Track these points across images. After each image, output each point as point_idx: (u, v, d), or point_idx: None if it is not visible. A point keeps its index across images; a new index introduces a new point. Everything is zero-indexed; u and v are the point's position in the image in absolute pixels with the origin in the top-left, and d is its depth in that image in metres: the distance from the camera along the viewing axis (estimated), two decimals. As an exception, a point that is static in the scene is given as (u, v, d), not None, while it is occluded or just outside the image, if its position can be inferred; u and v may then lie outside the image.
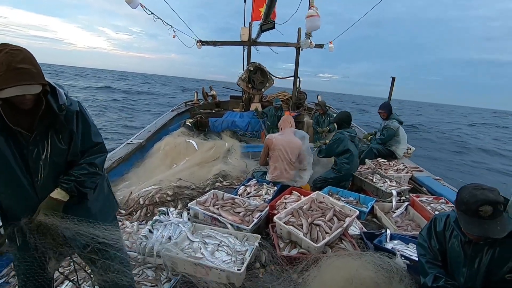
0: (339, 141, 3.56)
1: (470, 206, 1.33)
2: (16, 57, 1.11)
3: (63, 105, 1.26)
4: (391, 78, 5.47)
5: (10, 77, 1.09)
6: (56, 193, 1.28)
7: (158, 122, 6.52)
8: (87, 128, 1.38)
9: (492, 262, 1.40)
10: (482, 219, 1.31)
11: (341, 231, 2.23)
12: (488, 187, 1.37)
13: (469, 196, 1.35)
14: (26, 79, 1.12)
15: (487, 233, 1.31)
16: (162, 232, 2.36)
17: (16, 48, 1.13)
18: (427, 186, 3.43)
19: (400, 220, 2.81)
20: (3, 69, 1.08)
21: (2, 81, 1.08)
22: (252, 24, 8.08)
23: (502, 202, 1.31)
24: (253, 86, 7.75)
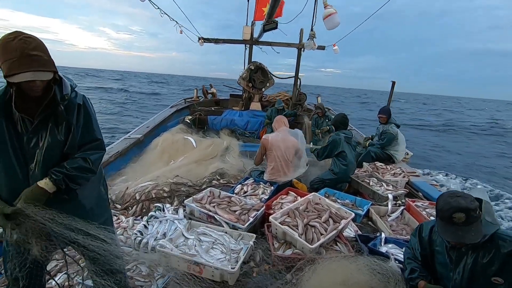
0: (334, 142, 3.58)
1: (444, 213, 1.39)
2: (29, 45, 1.14)
3: (66, 95, 1.28)
4: (391, 82, 5.47)
5: (23, 63, 1.12)
6: (44, 182, 1.26)
7: (157, 118, 6.51)
8: (88, 122, 1.37)
9: (476, 266, 1.43)
10: (456, 225, 1.36)
11: (336, 233, 2.24)
12: (463, 194, 1.42)
13: (443, 203, 1.41)
14: (38, 65, 1.14)
15: (461, 239, 1.36)
16: (157, 228, 2.36)
17: (29, 36, 1.16)
18: (423, 191, 3.44)
19: (395, 224, 2.82)
20: (17, 55, 1.11)
21: (16, 67, 1.11)
22: (254, 23, 8.07)
23: (474, 209, 1.35)
24: (254, 85, 7.74)
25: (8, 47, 1.12)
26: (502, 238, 1.39)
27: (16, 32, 1.16)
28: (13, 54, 1.11)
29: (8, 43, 1.12)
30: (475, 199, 1.40)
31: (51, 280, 1.89)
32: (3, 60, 1.12)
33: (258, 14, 7.87)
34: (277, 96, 8.73)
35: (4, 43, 1.13)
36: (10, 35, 1.14)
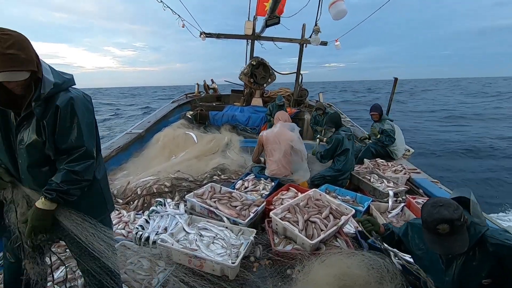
0: (337, 142, 3.61)
1: (429, 225, 1.37)
2: (4, 43, 1.08)
3: (41, 95, 1.20)
4: (394, 78, 5.43)
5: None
6: (41, 203, 1.24)
7: (158, 113, 6.50)
8: (70, 127, 1.26)
9: (466, 270, 1.42)
10: (442, 236, 1.34)
11: (336, 229, 2.25)
12: (446, 202, 1.38)
13: (427, 215, 1.39)
14: (12, 65, 1.10)
15: (448, 250, 1.36)
16: (159, 222, 2.37)
17: (6, 33, 1.11)
18: (424, 188, 3.44)
19: (396, 220, 2.82)
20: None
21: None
22: (256, 18, 8.00)
23: (458, 218, 1.32)
24: (255, 81, 7.71)
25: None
26: (490, 240, 1.36)
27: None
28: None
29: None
30: (458, 206, 1.36)
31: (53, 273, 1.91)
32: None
33: (260, 9, 7.81)
34: (278, 92, 8.70)
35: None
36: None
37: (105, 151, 3.88)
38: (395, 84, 5.33)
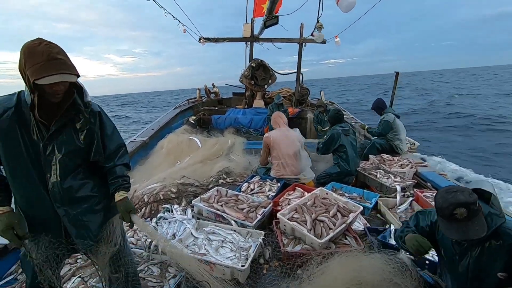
0: (332, 137, 3.58)
1: (445, 211, 1.34)
2: (54, 49, 1.17)
3: (88, 103, 1.33)
4: (395, 73, 5.40)
5: (51, 66, 1.14)
6: (120, 195, 1.40)
7: (161, 120, 6.54)
8: (112, 129, 1.45)
9: (481, 261, 1.40)
10: (458, 222, 1.32)
11: (344, 227, 2.24)
12: (460, 188, 1.37)
13: (442, 201, 1.36)
14: (65, 68, 1.17)
15: (465, 235, 1.32)
16: (167, 229, 2.38)
17: (52, 42, 1.20)
18: (432, 181, 3.41)
19: (405, 215, 2.79)
20: (44, 58, 1.14)
21: (44, 69, 1.13)
22: (254, 20, 8.02)
23: (474, 202, 1.31)
24: (256, 82, 7.72)
25: (35, 51, 1.15)
26: (507, 232, 1.34)
27: (39, 38, 1.19)
28: (40, 58, 1.14)
29: (35, 48, 1.15)
30: (472, 192, 1.36)
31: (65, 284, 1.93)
32: (31, 64, 1.14)
33: (257, 10, 7.83)
34: (280, 92, 8.70)
35: (30, 48, 1.15)
36: (35, 41, 1.17)
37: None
38: (397, 78, 5.30)
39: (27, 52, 1.15)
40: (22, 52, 1.16)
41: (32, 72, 1.13)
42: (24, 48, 1.16)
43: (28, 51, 1.15)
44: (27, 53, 1.15)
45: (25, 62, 1.15)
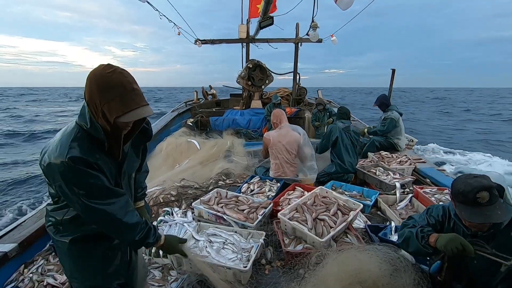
0: (329, 131, 3.59)
1: (467, 195, 1.33)
2: (129, 77, 1.06)
3: (148, 122, 1.38)
4: (391, 70, 5.43)
5: (132, 99, 1.04)
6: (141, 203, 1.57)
7: (159, 123, 6.53)
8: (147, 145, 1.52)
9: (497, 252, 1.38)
10: (481, 206, 1.31)
11: (345, 225, 2.24)
12: (479, 174, 1.39)
13: (464, 185, 1.36)
14: (143, 99, 1.08)
15: (489, 219, 1.30)
16: (168, 232, 2.37)
17: (123, 68, 1.07)
18: (431, 177, 3.42)
19: (405, 212, 2.80)
20: (122, 91, 1.03)
21: (126, 104, 1.03)
22: (250, 21, 8.04)
23: (495, 187, 1.32)
24: (253, 83, 7.73)
25: (110, 83, 1.01)
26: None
27: (108, 65, 1.06)
28: (118, 91, 1.02)
29: (109, 79, 1.02)
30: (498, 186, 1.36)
31: None
32: (108, 99, 1.01)
33: (252, 11, 7.84)
34: (277, 92, 8.71)
35: (104, 79, 1.02)
36: (106, 70, 1.04)
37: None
38: (393, 75, 5.33)
39: (100, 84, 1.01)
40: (94, 84, 1.02)
41: (111, 109, 1.02)
42: (94, 78, 1.03)
43: (102, 83, 1.01)
44: (101, 85, 1.01)
45: (100, 97, 1.01)
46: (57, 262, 2.21)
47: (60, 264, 2.16)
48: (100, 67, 1.05)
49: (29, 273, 2.10)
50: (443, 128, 16.91)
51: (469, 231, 1.46)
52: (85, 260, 1.26)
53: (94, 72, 1.04)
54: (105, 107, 1.02)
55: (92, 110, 1.05)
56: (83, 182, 1.05)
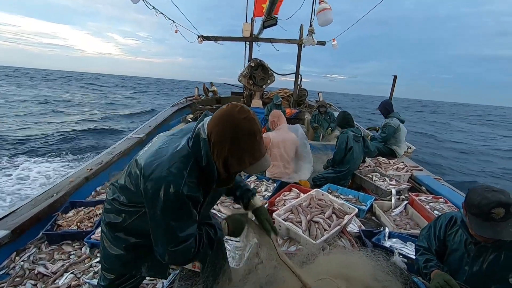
0: (343, 139, 3.50)
1: (483, 208, 1.30)
2: (258, 124, 1.04)
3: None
4: (393, 76, 5.45)
5: (259, 149, 1.04)
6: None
7: (159, 117, 6.52)
8: None
9: (496, 264, 1.39)
10: (494, 221, 1.28)
11: (339, 229, 2.24)
12: (498, 188, 1.34)
13: (481, 198, 1.32)
14: (264, 147, 1.07)
15: (500, 235, 1.28)
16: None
17: (252, 111, 1.04)
18: (427, 185, 3.43)
19: (399, 218, 2.81)
20: (253, 141, 1.01)
21: (255, 156, 1.03)
22: (254, 20, 8.03)
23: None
24: (254, 82, 7.72)
25: (244, 131, 0.99)
26: None
27: (241, 108, 1.01)
28: (250, 141, 1.00)
29: (243, 126, 0.99)
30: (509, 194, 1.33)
31: (57, 280, 1.92)
32: (239, 151, 1.00)
33: (257, 10, 7.84)
34: (278, 92, 8.71)
35: (239, 127, 0.98)
36: (241, 115, 0.99)
37: (107, 157, 3.89)
38: (394, 81, 5.36)
39: (233, 131, 0.98)
40: (227, 128, 0.99)
41: (240, 161, 1.01)
42: (228, 122, 0.99)
43: (235, 130, 0.98)
44: (233, 133, 0.98)
45: (230, 146, 0.99)
46: (49, 251, 2.21)
47: (51, 254, 2.16)
48: (235, 109, 1.01)
49: (20, 261, 2.09)
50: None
51: (472, 239, 1.45)
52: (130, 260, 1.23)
53: (227, 113, 1.01)
54: (233, 157, 1.01)
55: (215, 151, 1.02)
56: (180, 215, 1.02)
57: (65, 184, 3.01)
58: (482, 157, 12.65)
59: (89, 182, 3.30)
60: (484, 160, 12.10)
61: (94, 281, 1.83)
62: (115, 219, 1.18)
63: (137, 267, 1.24)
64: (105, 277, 1.29)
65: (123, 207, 1.15)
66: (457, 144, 15.58)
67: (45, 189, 2.90)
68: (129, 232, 1.18)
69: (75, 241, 2.35)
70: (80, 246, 2.28)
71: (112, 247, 1.21)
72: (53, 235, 2.34)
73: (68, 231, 2.39)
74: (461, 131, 22.12)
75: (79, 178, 3.17)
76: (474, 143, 16.47)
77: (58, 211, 2.62)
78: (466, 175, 9.51)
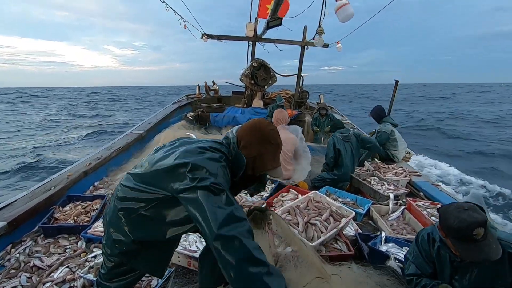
0: (330, 143, 3.59)
1: (464, 232, 1.27)
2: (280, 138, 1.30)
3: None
4: (395, 81, 5.44)
5: (279, 157, 1.29)
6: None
7: (159, 114, 6.52)
8: None
9: (484, 276, 1.39)
10: (477, 242, 1.27)
11: (336, 232, 2.24)
12: (468, 205, 1.33)
13: (458, 221, 1.29)
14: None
15: (487, 255, 1.26)
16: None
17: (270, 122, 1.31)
18: (425, 191, 3.43)
19: (396, 223, 2.81)
20: (277, 148, 1.28)
21: (278, 159, 1.28)
22: (258, 20, 8.02)
23: (487, 219, 1.28)
24: (256, 82, 7.73)
25: (271, 138, 1.25)
26: (503, 243, 1.32)
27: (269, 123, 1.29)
28: (275, 148, 1.26)
29: (270, 134, 1.25)
30: (477, 207, 1.32)
31: (52, 274, 1.91)
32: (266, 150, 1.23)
33: (261, 11, 7.83)
34: (279, 93, 8.71)
35: (267, 133, 1.24)
36: (269, 126, 1.27)
37: (105, 152, 3.89)
38: (396, 86, 5.34)
39: (263, 135, 1.23)
40: (258, 133, 1.23)
41: (265, 159, 1.23)
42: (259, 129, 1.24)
43: (264, 135, 1.23)
44: (263, 136, 1.23)
45: (259, 145, 1.22)
46: (45, 244, 2.21)
47: (47, 247, 2.16)
48: (265, 122, 1.28)
49: (16, 253, 2.09)
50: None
51: (457, 258, 1.43)
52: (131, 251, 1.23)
53: (259, 123, 1.27)
54: (260, 158, 1.22)
55: (245, 151, 1.21)
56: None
57: (63, 178, 3.01)
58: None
59: (88, 176, 3.30)
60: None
61: (90, 275, 1.83)
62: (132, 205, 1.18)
63: (136, 260, 1.24)
64: (105, 264, 1.30)
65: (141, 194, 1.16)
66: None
67: (43, 182, 2.90)
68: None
69: (72, 235, 2.35)
70: (76, 240, 2.28)
71: (117, 234, 1.20)
72: (49, 228, 2.34)
73: (64, 224, 2.39)
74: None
75: (78, 172, 3.17)
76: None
77: (55, 205, 2.61)
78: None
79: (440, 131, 14.85)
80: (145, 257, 1.24)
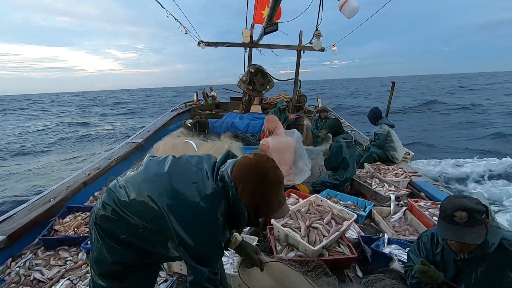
0: (337, 151, 3.51)
1: (446, 212, 1.35)
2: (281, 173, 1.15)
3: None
4: (391, 83, 5.46)
5: (282, 195, 1.15)
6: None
7: (158, 122, 6.52)
8: None
9: (488, 276, 1.38)
10: (457, 225, 1.31)
11: (338, 235, 2.23)
12: (469, 196, 1.39)
13: (447, 202, 1.39)
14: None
15: (460, 238, 1.31)
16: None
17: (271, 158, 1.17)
18: (426, 191, 3.43)
19: (398, 224, 2.80)
20: (279, 186, 1.12)
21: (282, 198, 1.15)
22: (254, 26, 8.09)
23: (479, 211, 1.29)
24: (254, 88, 7.76)
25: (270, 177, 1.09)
26: (509, 243, 1.33)
27: (266, 158, 1.14)
28: (278, 188, 1.12)
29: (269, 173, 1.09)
30: (482, 203, 1.34)
31: (53, 287, 1.89)
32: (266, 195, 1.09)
33: (257, 17, 7.90)
34: (277, 98, 8.73)
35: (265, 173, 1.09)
36: (268, 163, 1.12)
37: (105, 161, 3.88)
38: (393, 88, 5.36)
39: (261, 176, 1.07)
40: (259, 178, 1.07)
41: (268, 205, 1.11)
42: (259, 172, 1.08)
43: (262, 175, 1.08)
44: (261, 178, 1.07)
45: (258, 189, 1.07)
46: (46, 257, 2.19)
47: (48, 259, 2.14)
48: (262, 159, 1.12)
49: (16, 267, 2.07)
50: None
51: (458, 256, 1.44)
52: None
53: (256, 162, 1.11)
54: (262, 205, 1.09)
55: (243, 198, 1.08)
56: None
57: (62, 189, 3.00)
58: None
59: (87, 187, 3.29)
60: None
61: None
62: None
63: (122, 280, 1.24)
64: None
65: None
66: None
67: (43, 194, 2.89)
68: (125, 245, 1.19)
69: (72, 246, 2.33)
70: (77, 252, 2.26)
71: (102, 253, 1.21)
72: (49, 240, 2.32)
73: (65, 236, 2.37)
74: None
75: (77, 183, 3.15)
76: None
77: (55, 216, 2.60)
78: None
79: None
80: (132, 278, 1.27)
